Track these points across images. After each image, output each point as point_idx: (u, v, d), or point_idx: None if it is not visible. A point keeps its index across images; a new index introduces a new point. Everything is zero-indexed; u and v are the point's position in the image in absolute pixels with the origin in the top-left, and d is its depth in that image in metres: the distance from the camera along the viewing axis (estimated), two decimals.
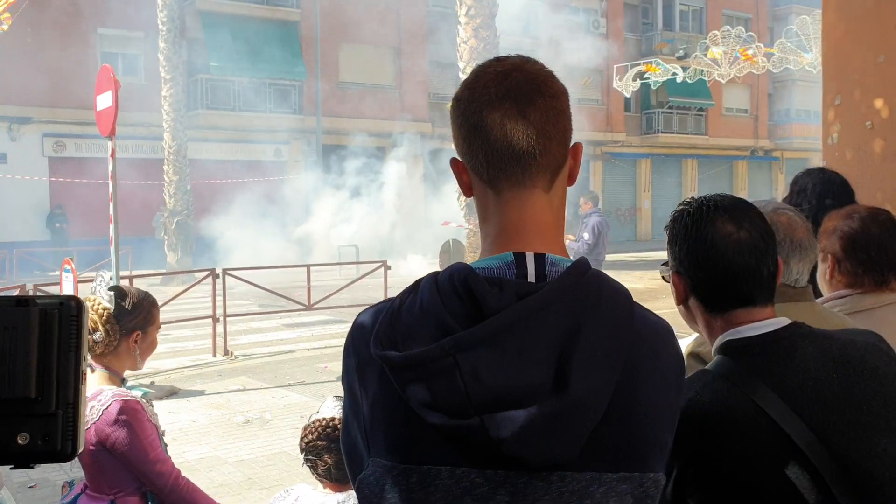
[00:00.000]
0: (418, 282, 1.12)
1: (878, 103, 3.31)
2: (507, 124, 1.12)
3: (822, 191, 2.84)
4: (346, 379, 1.17)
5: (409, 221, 25.58)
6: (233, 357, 10.14)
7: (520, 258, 1.11)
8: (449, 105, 1.26)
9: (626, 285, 1.16)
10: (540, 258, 1.11)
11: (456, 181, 1.23)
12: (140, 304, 2.62)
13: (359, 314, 1.18)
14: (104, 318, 2.54)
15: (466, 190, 1.21)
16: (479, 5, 9.98)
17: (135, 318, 2.58)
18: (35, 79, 20.65)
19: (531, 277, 1.10)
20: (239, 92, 23.15)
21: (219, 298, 10.19)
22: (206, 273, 10.51)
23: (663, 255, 1.66)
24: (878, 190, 3.32)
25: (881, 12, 3.32)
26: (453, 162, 1.21)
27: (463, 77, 10.48)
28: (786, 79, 35.43)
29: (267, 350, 10.81)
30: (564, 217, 1.21)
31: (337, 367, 9.53)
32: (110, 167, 7.85)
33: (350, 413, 1.16)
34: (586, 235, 10.05)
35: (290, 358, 10.24)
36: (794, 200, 2.86)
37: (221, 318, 10.26)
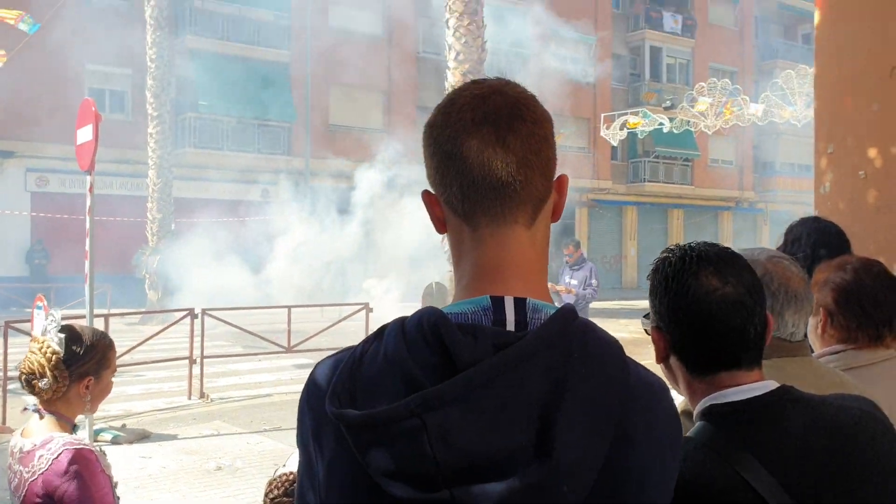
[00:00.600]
0: (383, 328, 0.99)
1: (872, 152, 3.24)
2: (484, 152, 1.00)
3: (816, 240, 2.76)
4: (301, 439, 1.03)
5: (394, 262, 25.49)
6: (208, 400, 9.89)
7: (497, 302, 0.98)
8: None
9: (613, 334, 1.03)
10: (520, 303, 0.99)
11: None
12: (94, 346, 2.43)
13: (316, 365, 1.05)
14: (52, 362, 2.34)
15: (440, 225, 1.09)
16: (468, 51, 10.01)
17: (87, 362, 2.38)
18: (21, 113, 20.57)
19: (510, 325, 0.97)
20: (227, 131, 23.14)
21: (197, 339, 9.98)
22: (185, 313, 10.30)
23: (648, 304, 1.54)
24: (871, 241, 3.22)
25: (875, 60, 3.27)
26: (425, 194, 1.09)
27: None
28: (770, 132, 35.87)
29: (244, 393, 10.56)
30: (547, 257, 1.09)
31: None
32: (88, 202, 7.70)
33: (305, 477, 1.02)
34: (594, 282, 9.95)
35: (268, 402, 9.99)
36: (788, 249, 2.78)
37: (199, 360, 10.03)
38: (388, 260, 25.08)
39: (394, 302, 20.37)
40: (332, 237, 23.39)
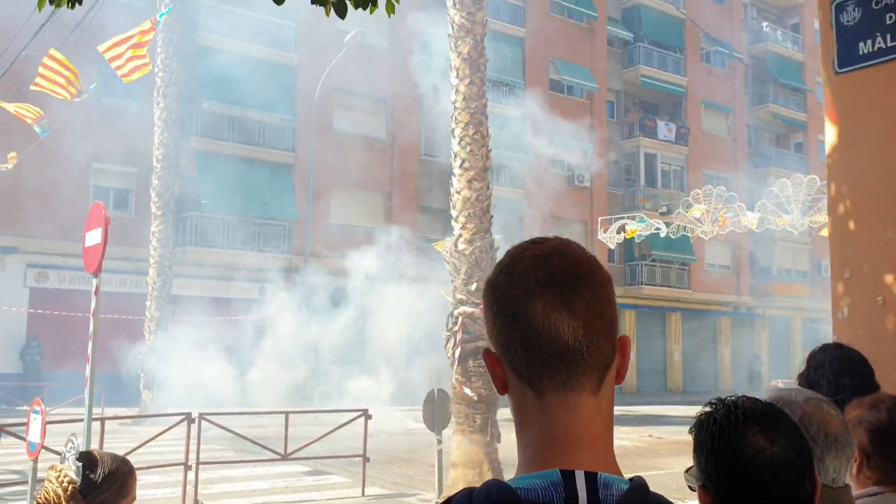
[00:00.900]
0: (448, 500, 0.97)
1: (889, 279, 3.25)
2: (550, 316, 0.99)
3: (840, 368, 2.73)
4: None
5: (393, 366, 25.24)
6: None
7: (568, 477, 0.95)
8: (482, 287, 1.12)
9: (615, 443, 1.01)
10: (591, 478, 0.96)
11: (490, 374, 1.09)
12: (112, 474, 2.35)
13: None
14: (69, 492, 2.26)
15: (501, 387, 1.07)
16: (473, 158, 10.19)
17: (105, 491, 2.30)
18: (24, 208, 20.76)
19: (582, 502, 0.94)
20: (228, 230, 23.31)
21: (193, 443, 9.76)
22: (182, 417, 10.10)
23: (648, 409, 1.52)
24: (892, 368, 3.18)
25: (888, 188, 3.32)
26: (486, 354, 1.07)
27: (456, 225, 10.60)
28: (766, 238, 36.28)
29: (238, 502, 10.26)
30: (613, 424, 1.06)
31: None
32: (93, 304, 7.66)
33: None
34: None
35: None
36: (811, 377, 2.75)
37: (194, 465, 9.78)
38: (381, 357, 24.85)
39: (388, 403, 20.10)
40: (331, 336, 23.24)
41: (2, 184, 19.67)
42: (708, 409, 1.44)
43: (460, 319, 10.09)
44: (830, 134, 3.60)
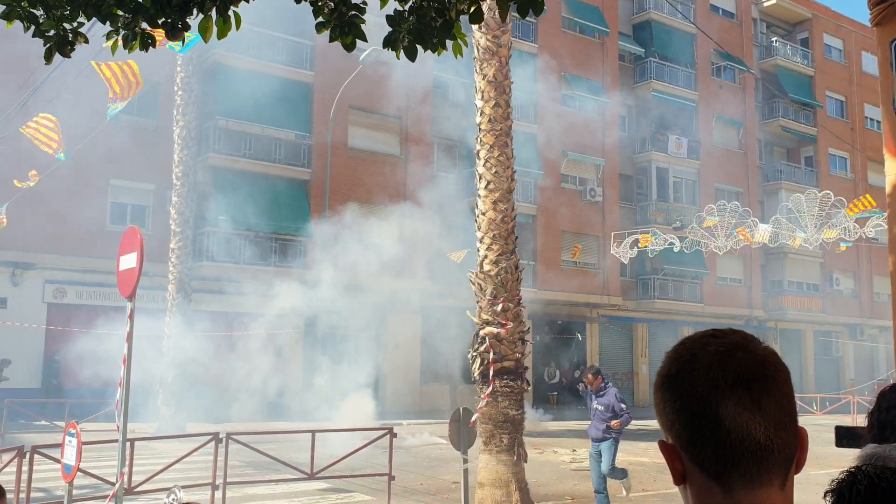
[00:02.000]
0: None
1: None
2: (742, 416, 1.01)
3: None
4: None
5: (407, 379, 25.26)
6: None
7: None
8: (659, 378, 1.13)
9: (632, 459, 1.04)
10: None
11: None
12: None
13: None
14: None
15: (678, 478, 1.08)
16: (498, 180, 10.24)
17: None
18: (42, 225, 20.88)
19: None
20: (245, 244, 23.40)
21: (219, 462, 9.79)
22: (210, 437, 10.13)
23: None
24: None
25: None
26: (664, 446, 1.09)
27: (481, 246, 10.64)
28: (778, 251, 36.23)
29: None
30: None
31: None
32: (128, 327, 7.71)
33: None
34: (624, 405, 9.87)
35: None
36: (883, 417, 2.75)
37: (221, 486, 9.81)
38: (400, 373, 24.89)
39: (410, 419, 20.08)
40: (348, 352, 23.25)
41: (21, 200, 19.79)
42: (845, 476, 1.47)
43: (487, 340, 10.12)
44: (891, 171, 3.64)
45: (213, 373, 19.07)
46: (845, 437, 3.43)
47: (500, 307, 10.23)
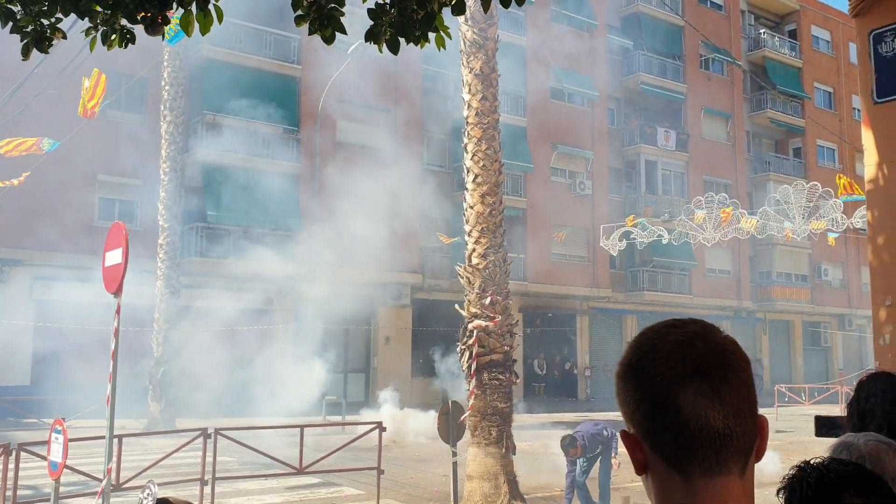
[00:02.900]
0: None
1: None
2: (701, 404, 1.01)
3: (894, 395, 2.76)
4: None
5: (397, 373, 25.29)
6: None
7: None
8: (616, 370, 1.15)
9: (620, 450, 1.06)
10: None
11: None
12: None
13: None
14: None
15: (640, 468, 1.08)
16: (486, 173, 10.25)
17: None
18: (30, 221, 20.76)
19: None
20: (234, 240, 23.34)
21: (208, 457, 9.79)
22: (198, 433, 10.12)
23: None
24: None
25: None
26: (625, 436, 1.09)
27: (469, 239, 10.65)
28: (766, 243, 36.38)
29: None
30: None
31: None
32: (115, 323, 7.68)
33: None
34: (606, 433, 9.55)
35: None
36: (863, 406, 2.77)
37: (210, 480, 9.80)
38: (392, 368, 24.90)
39: (396, 411, 20.11)
40: (338, 346, 23.28)
41: (8, 196, 19.68)
42: (795, 472, 1.47)
43: (475, 333, 10.14)
44: (870, 162, 3.66)
45: (203, 369, 19.02)
46: (825, 426, 3.45)
47: (488, 300, 10.24)
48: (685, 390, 1.02)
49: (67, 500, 9.51)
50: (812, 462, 1.48)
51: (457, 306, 10.96)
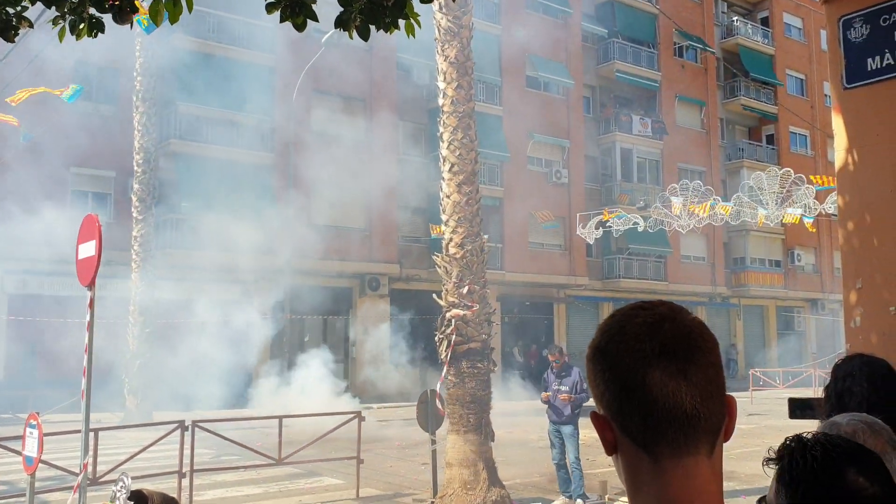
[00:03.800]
0: None
1: None
2: (668, 385, 1.03)
3: (870, 374, 2.79)
4: None
5: (376, 362, 25.29)
6: None
7: None
8: (588, 352, 1.16)
9: (597, 436, 1.09)
10: None
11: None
12: None
13: None
14: None
15: (610, 448, 1.10)
16: (462, 162, 10.25)
17: None
18: (2, 214, 20.46)
19: None
20: (209, 232, 23.16)
21: (186, 450, 9.74)
22: (175, 426, 10.07)
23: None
24: None
25: None
26: (595, 417, 1.11)
27: (446, 229, 10.64)
28: (740, 229, 36.76)
29: None
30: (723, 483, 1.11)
31: None
32: (88, 317, 7.61)
33: None
34: (586, 385, 9.89)
35: None
36: (840, 387, 2.80)
37: (188, 473, 9.76)
38: (371, 357, 24.88)
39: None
40: (315, 337, 23.23)
41: None
42: (793, 444, 1.48)
43: (453, 322, 10.15)
44: (840, 147, 3.70)
45: (179, 361, 18.91)
46: (799, 408, 3.49)
47: (465, 289, 10.25)
48: (652, 371, 1.03)
49: (44, 495, 9.43)
50: (810, 435, 1.49)
51: (435, 296, 10.96)
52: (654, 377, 1.03)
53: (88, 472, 8.03)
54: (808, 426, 2.66)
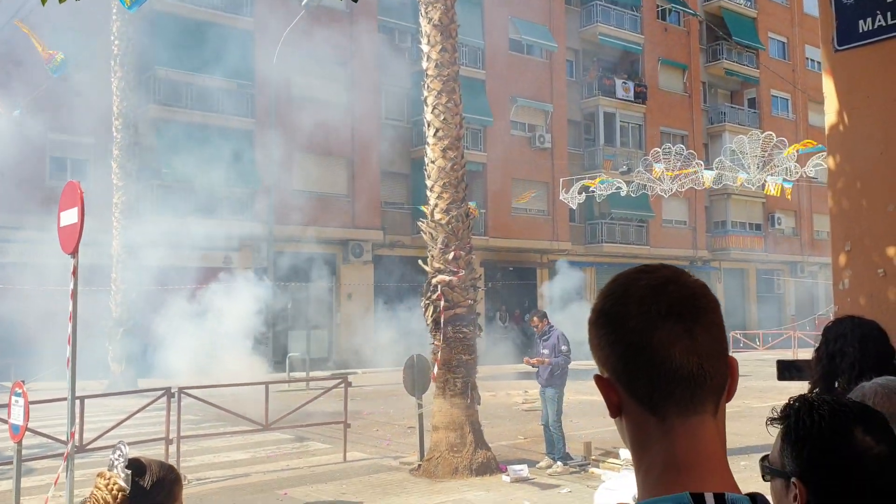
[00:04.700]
0: None
1: (891, 251, 3.38)
2: (675, 346, 1.03)
3: (861, 335, 2.82)
4: None
5: (360, 329, 25.34)
6: (187, 482, 9.59)
7: (698, 500, 1.00)
8: (592, 318, 1.15)
9: (582, 398, 1.09)
10: (720, 499, 1.00)
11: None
12: (161, 481, 2.31)
13: None
14: (118, 500, 2.24)
15: (615, 411, 1.10)
16: (447, 127, 10.18)
17: (153, 499, 2.24)
18: None
19: None
20: (190, 198, 22.96)
21: (173, 417, 9.75)
22: (161, 392, 10.06)
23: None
24: (894, 340, 3.32)
25: (888, 161, 3.43)
26: (599, 380, 1.11)
27: (431, 194, 10.61)
28: (721, 193, 36.93)
29: (221, 473, 10.28)
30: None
31: (296, 493, 9.07)
32: (72, 285, 7.54)
33: None
34: (564, 347, 10.09)
35: (247, 482, 9.74)
36: (832, 348, 2.82)
37: (175, 440, 9.78)
38: (355, 324, 24.92)
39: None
40: (299, 303, 23.20)
41: None
42: (799, 404, 1.50)
43: (439, 288, 10.17)
44: (830, 109, 3.70)
45: (163, 328, 18.84)
46: (787, 369, 3.53)
47: (451, 255, 10.26)
48: (659, 332, 1.04)
49: (31, 463, 9.43)
50: (811, 396, 1.51)
51: (420, 262, 10.95)
52: (660, 338, 1.03)
53: (75, 441, 8.02)
54: (796, 388, 2.69)
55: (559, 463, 10.01)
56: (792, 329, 32.35)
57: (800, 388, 2.69)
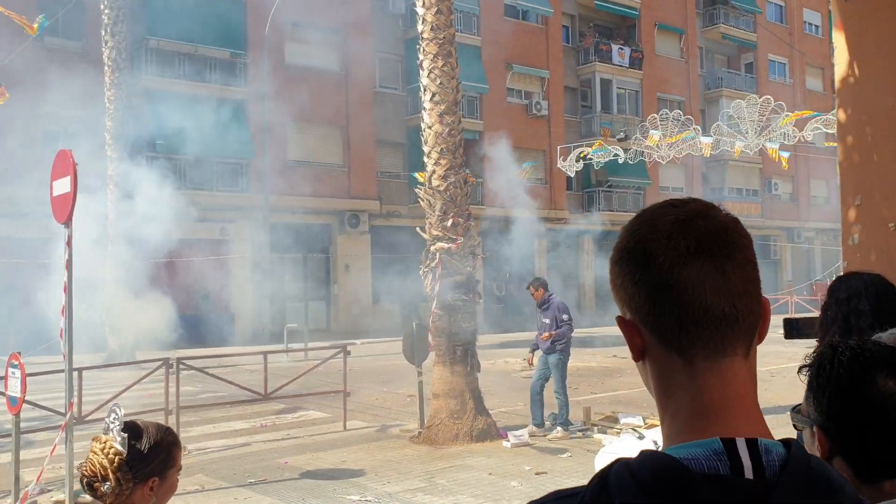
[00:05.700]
0: (604, 475, 0.92)
1: None
2: (705, 283, 0.95)
3: (877, 292, 2.73)
4: None
5: (358, 299, 25.34)
6: (186, 452, 9.58)
7: (730, 445, 0.92)
8: (614, 255, 1.07)
9: (580, 365, 1.02)
10: (752, 444, 0.93)
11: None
12: (159, 444, 2.24)
13: None
14: (115, 464, 2.15)
15: (638, 354, 1.02)
16: (444, 91, 10.03)
17: (151, 462, 2.20)
18: None
19: (748, 472, 0.91)
20: (185, 170, 22.78)
21: (171, 387, 9.73)
22: (160, 363, 10.02)
23: (609, 330, 1.51)
24: None
25: None
26: (622, 322, 1.03)
27: (428, 161, 10.49)
28: (718, 159, 36.77)
29: (221, 443, 10.27)
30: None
31: (297, 461, 9.07)
32: (66, 256, 7.45)
33: None
34: (565, 316, 10.05)
35: (248, 452, 9.75)
36: (846, 307, 2.72)
37: (174, 410, 9.76)
38: (352, 295, 24.91)
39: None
40: (297, 274, 23.13)
41: None
42: (825, 350, 1.45)
43: (438, 255, 10.09)
44: (840, 62, 3.60)
45: (159, 300, 18.77)
46: (795, 328, 3.46)
47: (450, 222, 10.17)
48: (688, 269, 0.96)
49: (29, 435, 9.41)
50: (838, 341, 1.46)
51: (418, 229, 10.87)
52: (689, 275, 0.96)
53: (74, 412, 7.98)
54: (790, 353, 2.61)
55: (559, 428, 10.02)
56: (789, 294, 32.39)
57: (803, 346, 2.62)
